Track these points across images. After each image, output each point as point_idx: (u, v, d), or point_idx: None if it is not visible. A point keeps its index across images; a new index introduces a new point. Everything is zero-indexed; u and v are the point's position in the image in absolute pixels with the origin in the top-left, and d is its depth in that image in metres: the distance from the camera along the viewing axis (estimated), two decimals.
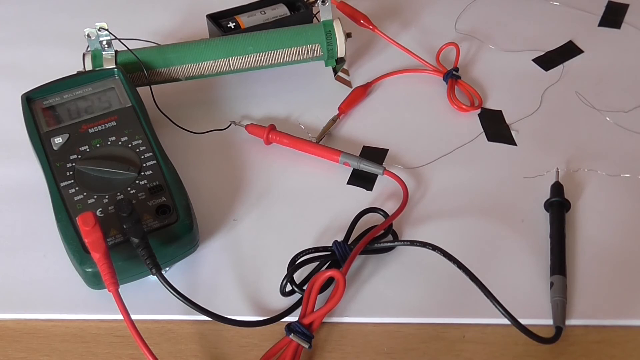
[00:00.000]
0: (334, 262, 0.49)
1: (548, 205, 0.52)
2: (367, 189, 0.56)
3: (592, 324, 0.46)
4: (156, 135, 0.53)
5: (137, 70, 0.59)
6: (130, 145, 0.52)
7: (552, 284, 0.47)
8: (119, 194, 0.49)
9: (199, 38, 0.64)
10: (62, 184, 0.49)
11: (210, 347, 0.46)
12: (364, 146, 0.59)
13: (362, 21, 0.69)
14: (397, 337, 0.46)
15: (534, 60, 0.67)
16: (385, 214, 0.52)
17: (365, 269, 0.50)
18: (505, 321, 0.44)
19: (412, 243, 0.49)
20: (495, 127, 0.60)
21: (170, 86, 0.62)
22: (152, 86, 0.60)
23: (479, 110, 0.62)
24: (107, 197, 0.49)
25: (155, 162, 0.51)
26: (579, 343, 0.45)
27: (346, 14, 0.70)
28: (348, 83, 0.65)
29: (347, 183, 0.56)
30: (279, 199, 0.55)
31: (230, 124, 0.61)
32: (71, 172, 0.50)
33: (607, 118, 0.61)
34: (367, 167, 0.56)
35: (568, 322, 0.46)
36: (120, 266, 0.45)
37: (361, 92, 0.64)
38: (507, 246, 0.51)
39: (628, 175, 0.55)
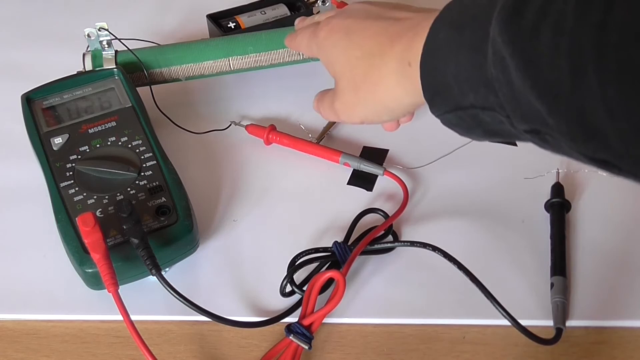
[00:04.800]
0: (334, 262, 0.49)
1: (548, 206, 0.52)
2: (367, 190, 0.56)
3: (593, 325, 0.46)
4: (156, 135, 0.53)
5: (137, 70, 0.59)
6: (130, 146, 0.52)
7: (552, 284, 0.47)
8: (118, 194, 0.49)
9: (199, 38, 0.64)
10: (62, 184, 0.49)
11: (210, 348, 0.46)
12: (364, 146, 0.59)
13: None
14: (397, 338, 0.46)
15: None
16: (385, 215, 0.52)
17: (365, 269, 0.50)
18: (506, 322, 0.44)
19: (413, 244, 0.49)
20: None
21: (170, 86, 0.62)
22: (152, 86, 0.60)
23: None
24: (107, 197, 0.49)
25: (155, 162, 0.51)
26: (580, 344, 0.45)
27: None
28: None
29: (347, 183, 0.56)
30: (279, 199, 0.55)
31: (230, 124, 0.61)
32: (71, 173, 0.50)
33: None
34: (367, 167, 0.56)
35: (568, 323, 0.46)
36: (120, 267, 0.45)
37: None
38: (507, 247, 0.51)
39: None
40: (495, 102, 0.33)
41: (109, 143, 0.52)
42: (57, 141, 0.52)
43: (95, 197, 0.49)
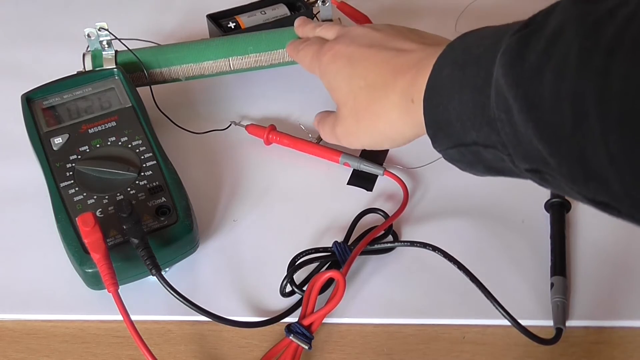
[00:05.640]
0: (334, 262, 0.49)
1: (549, 206, 0.52)
2: (367, 190, 0.56)
3: (593, 325, 0.46)
4: (156, 135, 0.53)
5: (137, 70, 0.59)
6: (130, 146, 0.52)
7: (552, 284, 0.47)
8: (118, 194, 0.49)
9: (199, 38, 0.64)
10: (62, 184, 0.49)
11: (210, 348, 0.46)
12: None
13: (362, 21, 0.69)
14: (397, 338, 0.46)
15: None
16: (385, 215, 0.52)
17: (365, 269, 0.50)
18: (506, 322, 0.44)
19: (412, 244, 0.49)
20: None
21: (170, 86, 0.62)
22: (152, 86, 0.60)
23: None
24: (106, 197, 0.49)
25: (155, 162, 0.51)
26: (580, 344, 0.45)
27: (346, 13, 0.70)
28: None
29: (347, 183, 0.56)
30: (279, 199, 0.55)
31: (230, 124, 0.61)
32: (71, 173, 0.50)
33: None
34: (367, 167, 0.56)
35: (568, 323, 0.46)
36: (120, 267, 0.45)
37: None
38: (507, 247, 0.51)
39: None
40: (497, 140, 0.34)
41: (109, 143, 0.52)
42: (57, 141, 0.52)
43: (95, 197, 0.49)
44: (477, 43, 0.36)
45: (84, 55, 0.59)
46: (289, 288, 0.47)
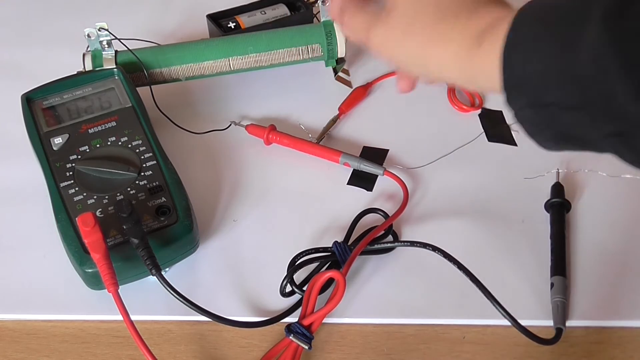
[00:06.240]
0: (334, 262, 0.49)
1: (548, 206, 0.52)
2: (367, 190, 0.56)
3: (593, 325, 0.46)
4: (156, 135, 0.53)
5: (137, 70, 0.59)
6: (130, 146, 0.52)
7: (552, 284, 0.47)
8: (118, 194, 0.49)
9: (199, 38, 0.64)
10: (62, 184, 0.49)
11: (210, 348, 0.46)
12: (364, 146, 0.59)
13: None
14: (397, 338, 0.46)
15: None
16: (385, 215, 0.52)
17: (365, 269, 0.50)
18: (506, 322, 0.44)
19: (413, 244, 0.49)
20: (496, 127, 0.60)
21: (170, 86, 0.62)
22: (152, 86, 0.60)
23: (479, 111, 0.62)
24: (106, 197, 0.49)
25: (155, 162, 0.51)
26: (580, 344, 0.45)
27: None
28: (348, 83, 0.65)
29: (347, 183, 0.56)
30: (279, 199, 0.55)
31: (230, 124, 0.61)
32: (71, 173, 0.50)
33: None
34: (367, 167, 0.56)
35: (568, 323, 0.46)
36: (120, 267, 0.45)
37: (361, 92, 0.64)
38: (507, 247, 0.51)
39: (629, 176, 0.55)
40: (581, 100, 0.33)
41: (109, 143, 0.52)
42: (57, 141, 0.52)
43: (95, 197, 0.49)
44: (557, 3, 0.35)
45: (84, 55, 0.59)
46: (289, 288, 0.47)
